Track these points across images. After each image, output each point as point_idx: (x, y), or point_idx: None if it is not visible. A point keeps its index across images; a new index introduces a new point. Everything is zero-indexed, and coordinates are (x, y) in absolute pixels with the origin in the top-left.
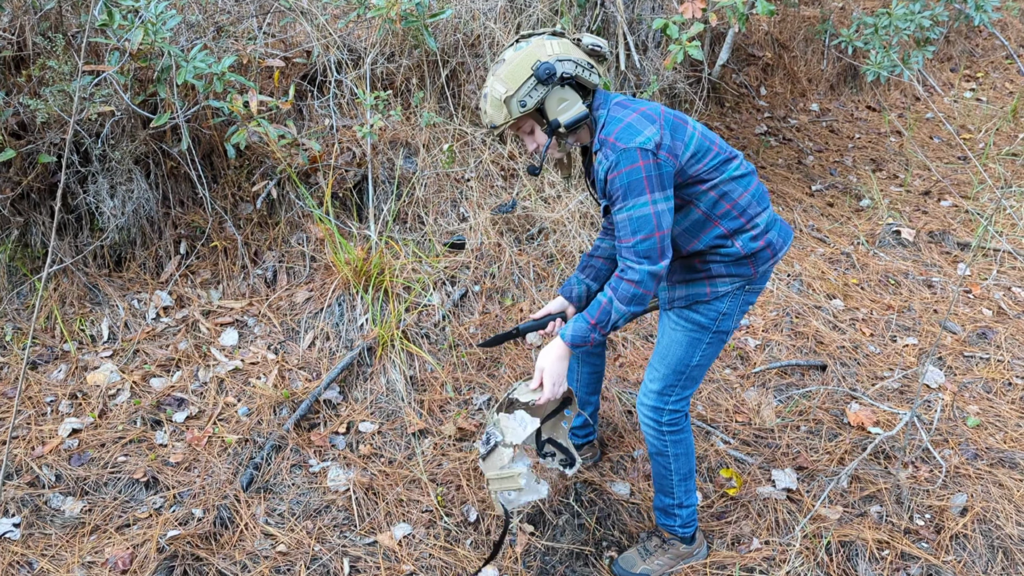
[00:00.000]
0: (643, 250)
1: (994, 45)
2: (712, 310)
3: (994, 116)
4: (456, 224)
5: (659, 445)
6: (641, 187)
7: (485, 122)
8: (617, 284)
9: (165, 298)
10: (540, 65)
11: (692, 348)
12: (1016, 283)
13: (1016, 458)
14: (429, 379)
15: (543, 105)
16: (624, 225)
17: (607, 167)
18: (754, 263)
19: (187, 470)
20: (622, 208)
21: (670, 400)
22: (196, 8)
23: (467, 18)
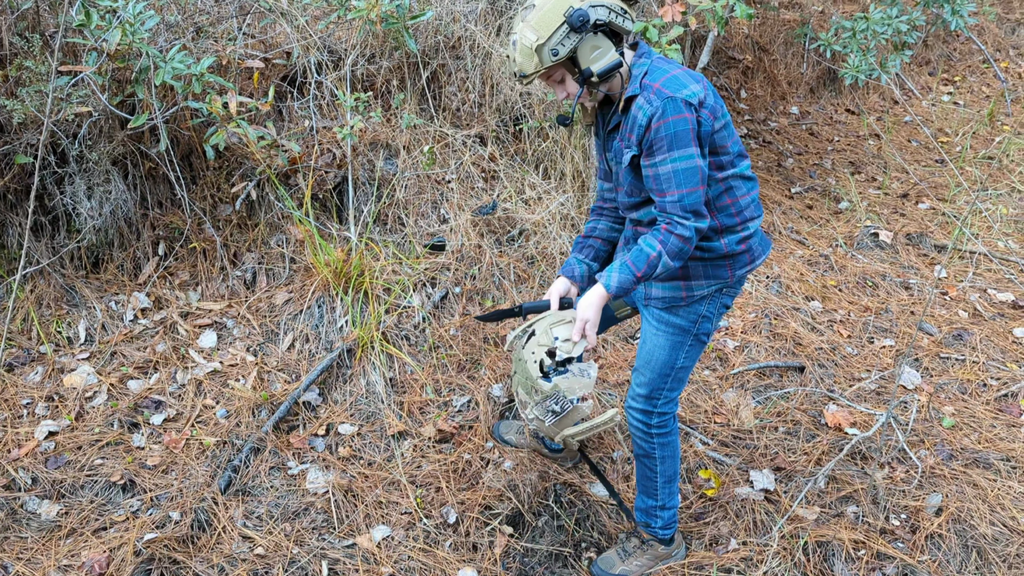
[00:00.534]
0: (690, 204)
1: (971, 49)
2: (692, 313)
3: (971, 120)
4: (436, 226)
5: (647, 448)
6: (688, 139)
7: (514, 70)
8: (667, 238)
9: (143, 300)
10: (573, 12)
11: (675, 351)
12: (991, 285)
13: (990, 458)
14: (409, 381)
15: (575, 54)
16: (667, 178)
17: (651, 113)
18: (732, 266)
19: (164, 473)
20: (665, 159)
21: (658, 403)
22: (175, 8)
23: (448, 20)
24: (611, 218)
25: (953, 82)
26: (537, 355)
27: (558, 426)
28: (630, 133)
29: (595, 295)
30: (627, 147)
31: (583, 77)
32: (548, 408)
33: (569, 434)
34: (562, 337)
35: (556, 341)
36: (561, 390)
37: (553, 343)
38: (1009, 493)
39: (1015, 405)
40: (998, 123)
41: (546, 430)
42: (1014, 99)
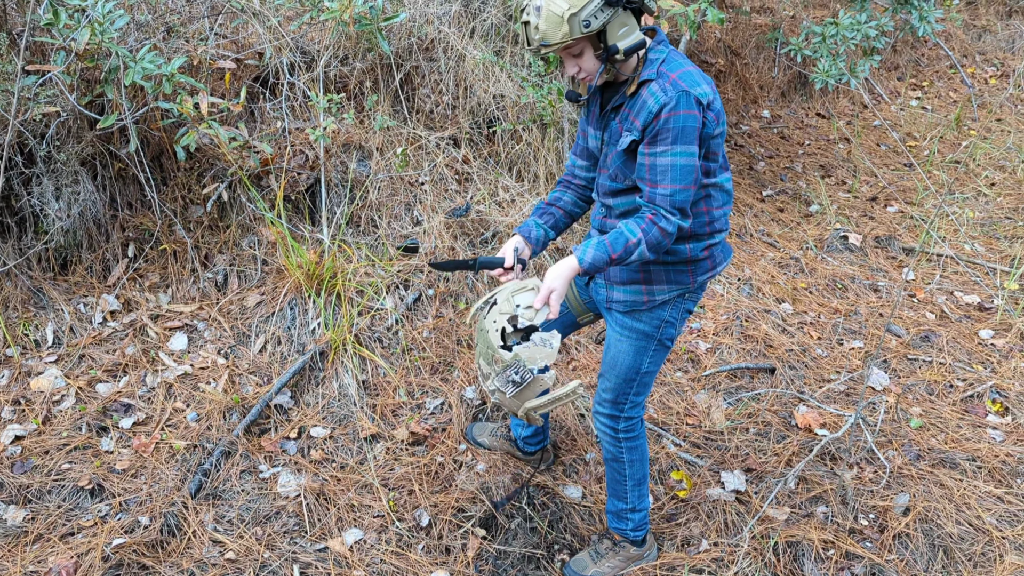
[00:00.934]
0: (679, 201)
1: (939, 55)
2: (655, 318)
3: (939, 124)
4: (410, 228)
5: (615, 451)
6: (692, 136)
7: (534, 39)
8: (650, 228)
9: (112, 302)
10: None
11: (639, 356)
12: (958, 287)
13: (956, 458)
14: (382, 383)
15: (605, 28)
16: (664, 170)
17: (664, 102)
18: (694, 272)
19: (134, 477)
20: (667, 152)
21: (624, 407)
22: (145, 8)
23: (421, 22)
24: (577, 194)
25: (921, 87)
26: (499, 323)
27: (519, 398)
28: (635, 117)
29: (566, 266)
30: (628, 130)
31: (608, 53)
32: (508, 378)
33: (531, 407)
34: (524, 304)
35: (518, 308)
36: (522, 359)
37: (515, 310)
38: (974, 493)
39: (980, 406)
40: (965, 128)
41: (508, 403)
42: (980, 104)
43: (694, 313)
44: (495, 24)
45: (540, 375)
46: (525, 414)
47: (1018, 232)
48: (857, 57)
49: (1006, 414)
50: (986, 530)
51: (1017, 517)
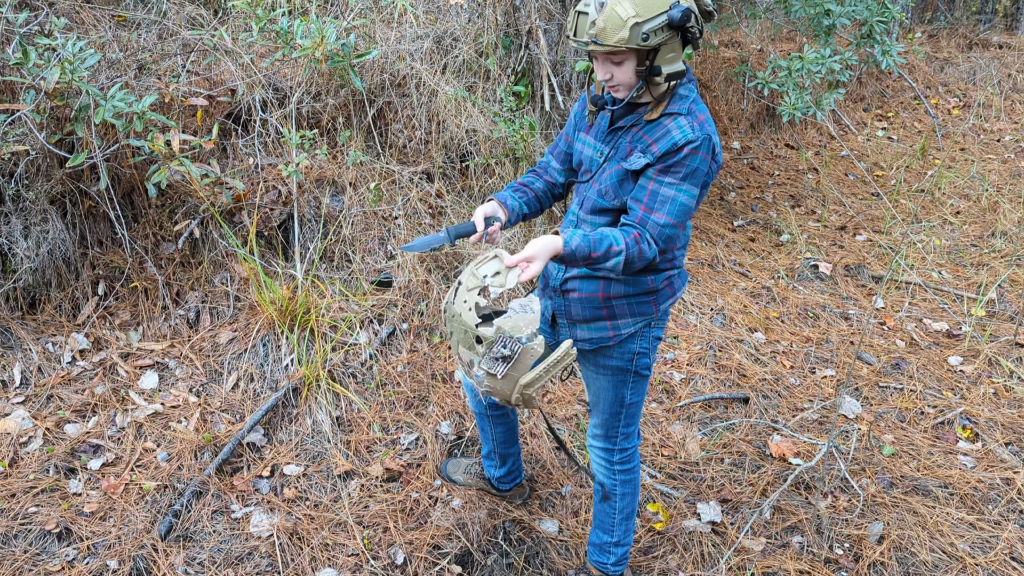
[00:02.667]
0: (666, 235)
1: (903, 87)
2: (625, 352)
3: (904, 154)
4: (383, 262)
5: (608, 484)
6: (700, 179)
7: (587, 32)
8: (633, 245)
9: (82, 340)
10: (681, 8)
11: (619, 390)
12: (927, 315)
13: (929, 486)
14: (356, 419)
15: (659, 48)
16: (664, 200)
17: (690, 139)
18: (656, 301)
19: (102, 519)
20: (674, 185)
21: (616, 440)
22: (116, 46)
23: (393, 58)
24: (546, 186)
25: (887, 118)
26: (470, 302)
27: (513, 375)
28: (653, 142)
29: (550, 240)
30: (642, 152)
31: (650, 72)
32: (497, 355)
33: (527, 382)
34: (490, 273)
35: (485, 279)
36: (506, 331)
37: (483, 282)
38: (947, 520)
39: (951, 432)
40: (930, 157)
41: (500, 388)
42: (944, 134)
43: (668, 343)
44: (466, 60)
45: (528, 344)
46: (521, 397)
47: (983, 259)
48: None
49: (976, 440)
50: (959, 557)
51: (989, 544)
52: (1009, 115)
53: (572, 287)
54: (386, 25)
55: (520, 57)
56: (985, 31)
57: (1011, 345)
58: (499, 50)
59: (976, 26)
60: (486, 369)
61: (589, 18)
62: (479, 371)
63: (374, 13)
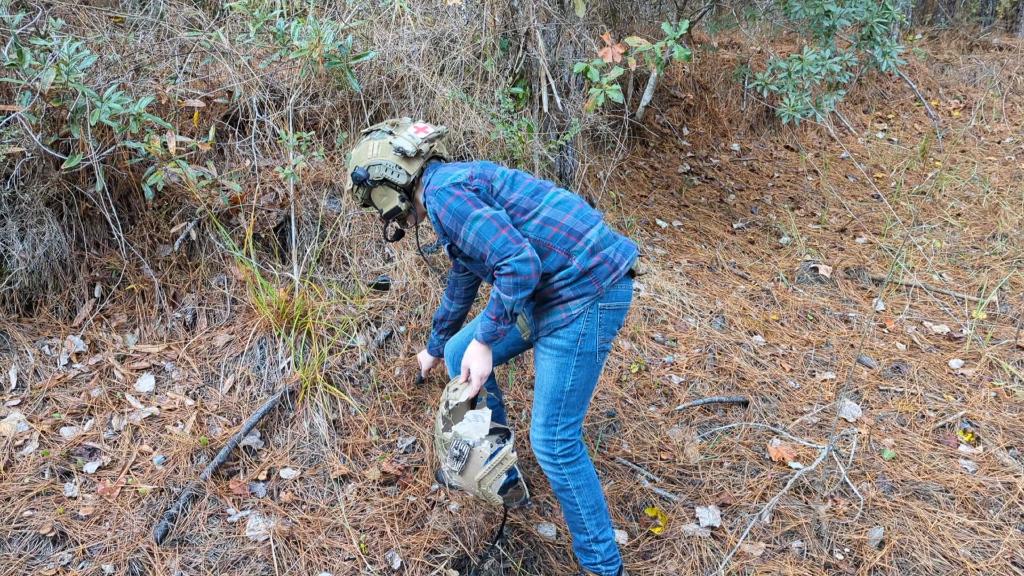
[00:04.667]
0: (500, 248)
1: (903, 88)
2: (571, 332)
3: (904, 156)
4: (381, 264)
5: (559, 480)
6: (468, 208)
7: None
8: (500, 282)
9: (78, 343)
10: (359, 170)
11: (562, 374)
12: (927, 317)
13: (930, 490)
14: (353, 422)
15: (371, 199)
16: (475, 243)
17: (434, 209)
18: (596, 279)
19: (98, 523)
20: (465, 232)
21: (556, 429)
22: (113, 47)
23: (391, 60)
24: (462, 298)
25: (887, 119)
26: (440, 412)
27: (468, 473)
28: (435, 233)
29: (473, 347)
30: (442, 240)
31: (382, 215)
32: (452, 455)
33: (480, 478)
34: (451, 389)
35: (447, 393)
36: (460, 435)
37: (447, 395)
38: (948, 524)
39: (952, 436)
40: (930, 159)
41: (463, 485)
42: (945, 136)
43: (667, 346)
44: (464, 62)
45: (477, 447)
46: (480, 492)
47: (984, 261)
48: (822, 92)
49: (977, 444)
50: (960, 562)
51: (990, 548)
52: (1010, 117)
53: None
54: (384, 26)
55: (518, 59)
56: (985, 33)
57: (1012, 348)
58: (497, 52)
59: (976, 28)
60: (449, 467)
61: None
62: (446, 469)
63: (371, 15)
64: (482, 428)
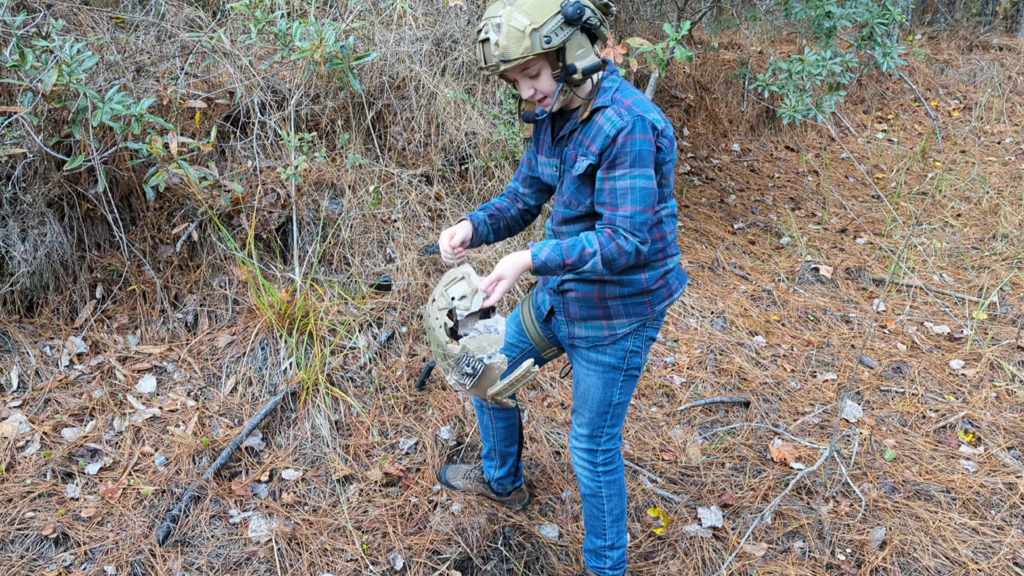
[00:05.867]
0: (639, 223)
1: (903, 88)
2: (619, 350)
3: (904, 156)
4: (382, 265)
5: (594, 487)
6: (649, 160)
7: (493, 55)
8: (607, 242)
9: (79, 344)
10: (571, 3)
11: (609, 388)
12: (928, 318)
13: (931, 490)
14: (355, 423)
15: (564, 47)
16: (623, 193)
17: (620, 126)
18: (651, 302)
19: (100, 524)
20: (625, 175)
21: (601, 440)
22: (115, 48)
23: (392, 61)
24: (519, 212)
25: (887, 120)
26: (440, 319)
27: (480, 387)
28: (591, 142)
29: (519, 257)
30: (583, 155)
31: (566, 72)
32: (463, 371)
33: (494, 392)
34: (458, 295)
35: (453, 301)
36: (470, 351)
37: (451, 304)
38: (950, 525)
39: (953, 437)
40: (930, 159)
41: (473, 393)
42: (944, 136)
43: (668, 347)
44: (466, 63)
45: (492, 362)
46: (493, 399)
47: (984, 262)
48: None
49: (978, 444)
50: (962, 563)
51: (992, 549)
52: (1010, 117)
53: (569, 287)
54: (385, 27)
55: None
56: (985, 33)
57: (1013, 348)
58: None
59: (976, 28)
60: (456, 379)
61: (491, 42)
62: (451, 379)
63: (373, 15)
64: (495, 341)
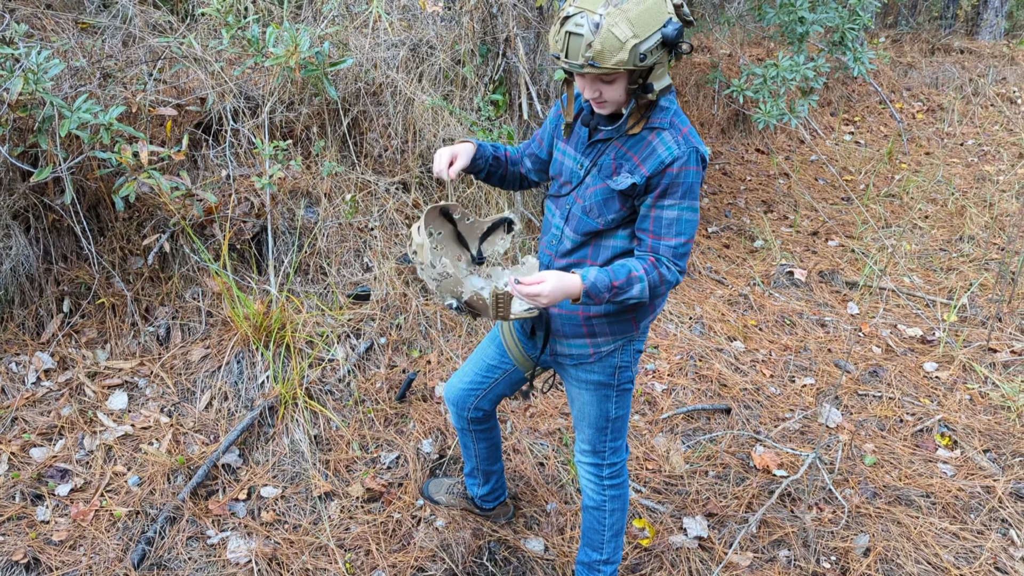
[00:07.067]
0: (682, 253)
1: (869, 91)
2: (607, 367)
3: (872, 158)
4: (360, 275)
5: (598, 500)
6: (697, 192)
7: (583, 54)
8: (651, 270)
9: (47, 360)
10: (673, 25)
11: (604, 404)
12: (900, 320)
13: (911, 495)
14: (334, 437)
15: (654, 67)
16: (670, 223)
17: (677, 155)
18: (636, 318)
19: (72, 548)
20: (674, 206)
21: (605, 455)
22: (80, 53)
23: (368, 67)
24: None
25: (854, 122)
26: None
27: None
28: (640, 161)
29: (568, 279)
30: (630, 172)
31: (643, 90)
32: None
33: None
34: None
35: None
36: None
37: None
38: (931, 530)
39: (930, 440)
40: (896, 161)
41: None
42: (910, 139)
43: (648, 354)
44: (443, 68)
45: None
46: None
47: (952, 263)
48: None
49: (955, 447)
50: (945, 568)
51: (973, 554)
52: (971, 120)
53: None
54: (359, 32)
55: (497, 65)
56: (947, 36)
57: (984, 351)
58: (476, 58)
59: (938, 31)
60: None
61: (584, 40)
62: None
63: (347, 20)
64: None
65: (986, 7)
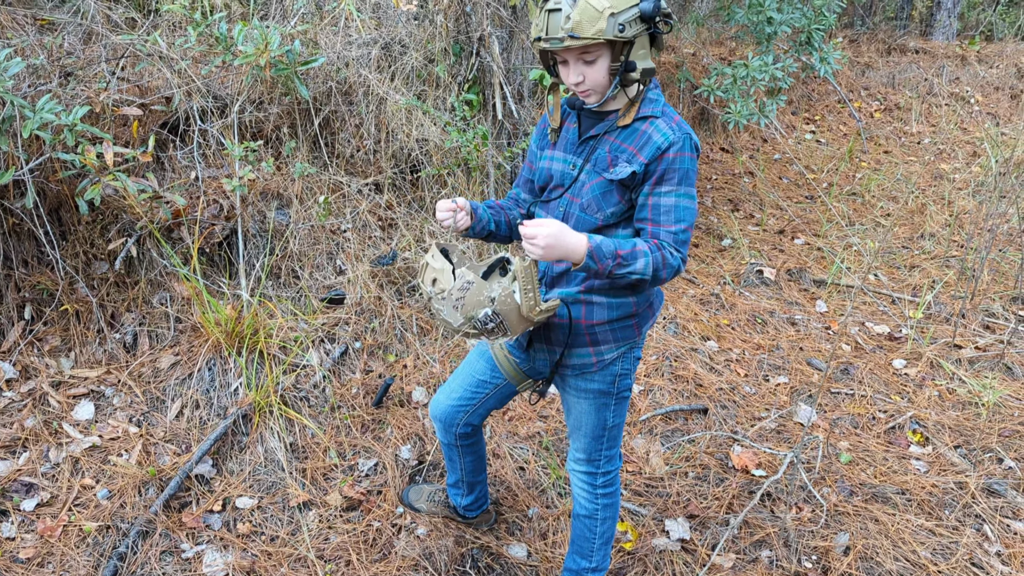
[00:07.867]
0: (684, 239)
1: (828, 90)
2: (607, 375)
3: (833, 157)
4: (333, 278)
5: (590, 508)
6: (693, 179)
7: (563, 27)
8: (654, 250)
9: (8, 369)
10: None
11: (602, 413)
12: (868, 318)
13: (887, 492)
14: (311, 445)
15: (633, 41)
16: (668, 210)
17: (672, 141)
18: (639, 323)
19: (40, 566)
20: (672, 192)
21: (600, 463)
22: (39, 50)
23: (340, 66)
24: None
25: (814, 121)
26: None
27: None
28: (637, 150)
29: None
30: (627, 161)
31: (623, 68)
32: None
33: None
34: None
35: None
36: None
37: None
38: (908, 527)
39: (902, 437)
40: (857, 160)
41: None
42: (869, 137)
43: None
44: (416, 67)
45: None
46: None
47: (915, 260)
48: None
49: (926, 444)
50: (923, 565)
51: (949, 550)
52: (927, 118)
53: None
54: (330, 30)
55: (471, 64)
56: (902, 36)
57: (949, 347)
58: (450, 57)
59: (894, 31)
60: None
61: (562, 13)
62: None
63: (317, 18)
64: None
65: (939, 8)
